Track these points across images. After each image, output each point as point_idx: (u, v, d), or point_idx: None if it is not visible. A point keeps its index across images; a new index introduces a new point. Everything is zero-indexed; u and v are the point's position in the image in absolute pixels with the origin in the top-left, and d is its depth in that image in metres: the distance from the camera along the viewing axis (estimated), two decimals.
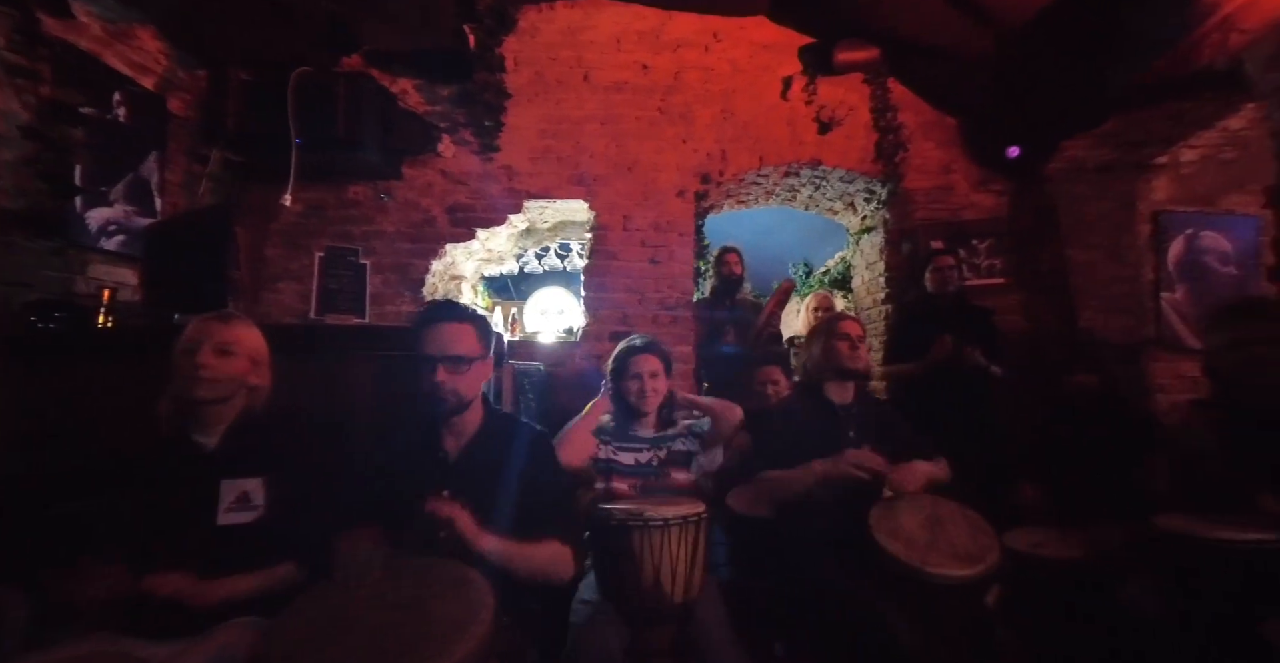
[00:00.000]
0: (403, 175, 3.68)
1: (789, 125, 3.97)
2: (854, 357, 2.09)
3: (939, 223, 3.91)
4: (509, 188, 3.77)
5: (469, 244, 3.78)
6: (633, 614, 1.60)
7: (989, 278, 3.81)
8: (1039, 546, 1.97)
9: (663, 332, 3.56)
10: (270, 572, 1.37)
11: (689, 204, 3.87)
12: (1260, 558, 1.42)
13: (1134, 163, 3.53)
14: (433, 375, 1.42)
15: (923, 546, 1.73)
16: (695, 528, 1.62)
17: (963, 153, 3.98)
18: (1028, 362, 3.36)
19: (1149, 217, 3.59)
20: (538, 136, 3.83)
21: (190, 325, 1.48)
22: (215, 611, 1.28)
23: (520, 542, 1.38)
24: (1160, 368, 3.47)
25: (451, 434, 1.52)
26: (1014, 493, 2.43)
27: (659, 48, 3.95)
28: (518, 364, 3.41)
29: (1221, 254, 3.58)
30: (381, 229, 3.66)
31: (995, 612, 1.90)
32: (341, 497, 1.47)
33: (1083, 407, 2.41)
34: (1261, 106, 2.42)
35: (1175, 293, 3.55)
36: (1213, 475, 1.67)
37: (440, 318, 1.49)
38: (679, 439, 2.02)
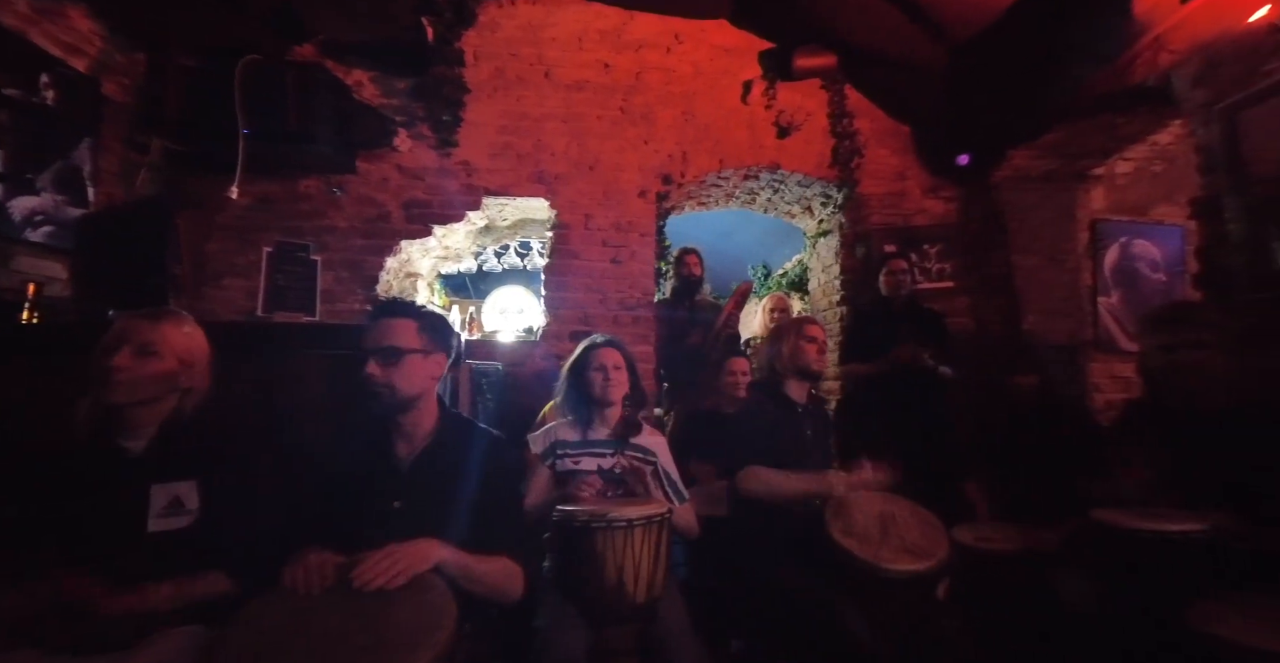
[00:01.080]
0: (357, 169, 3.57)
1: (749, 129, 4.02)
2: (820, 360, 2.20)
3: (892, 228, 4.02)
4: (467, 184, 3.70)
5: (425, 241, 3.70)
6: (596, 616, 1.59)
7: (939, 281, 3.93)
8: (985, 540, 2.05)
9: (624, 331, 3.55)
10: (193, 580, 1.29)
11: (650, 204, 3.87)
12: (1186, 547, 1.51)
13: (1074, 173, 3.70)
14: (364, 368, 1.38)
15: (876, 542, 1.78)
16: (659, 528, 1.62)
17: (915, 160, 4.10)
18: (974, 362, 3.49)
19: (1087, 224, 3.77)
20: (497, 133, 3.77)
21: (114, 324, 1.39)
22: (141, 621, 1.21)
23: (476, 555, 1.32)
24: (1097, 368, 3.65)
25: (403, 439, 1.45)
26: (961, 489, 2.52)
27: (621, 47, 3.95)
28: (475, 364, 3.35)
29: (1152, 261, 3.79)
30: (334, 224, 3.55)
31: (944, 604, 1.96)
32: (285, 503, 1.40)
33: (1023, 406, 2.51)
34: (1187, 123, 2.57)
35: (1111, 297, 3.74)
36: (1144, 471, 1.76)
37: (380, 315, 1.45)
38: (641, 452, 1.96)
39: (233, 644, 1.03)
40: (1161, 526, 1.54)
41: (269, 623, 1.07)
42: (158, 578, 1.26)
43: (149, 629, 1.21)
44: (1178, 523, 1.53)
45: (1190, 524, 1.52)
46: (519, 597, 1.42)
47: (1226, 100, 2.31)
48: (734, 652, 2.02)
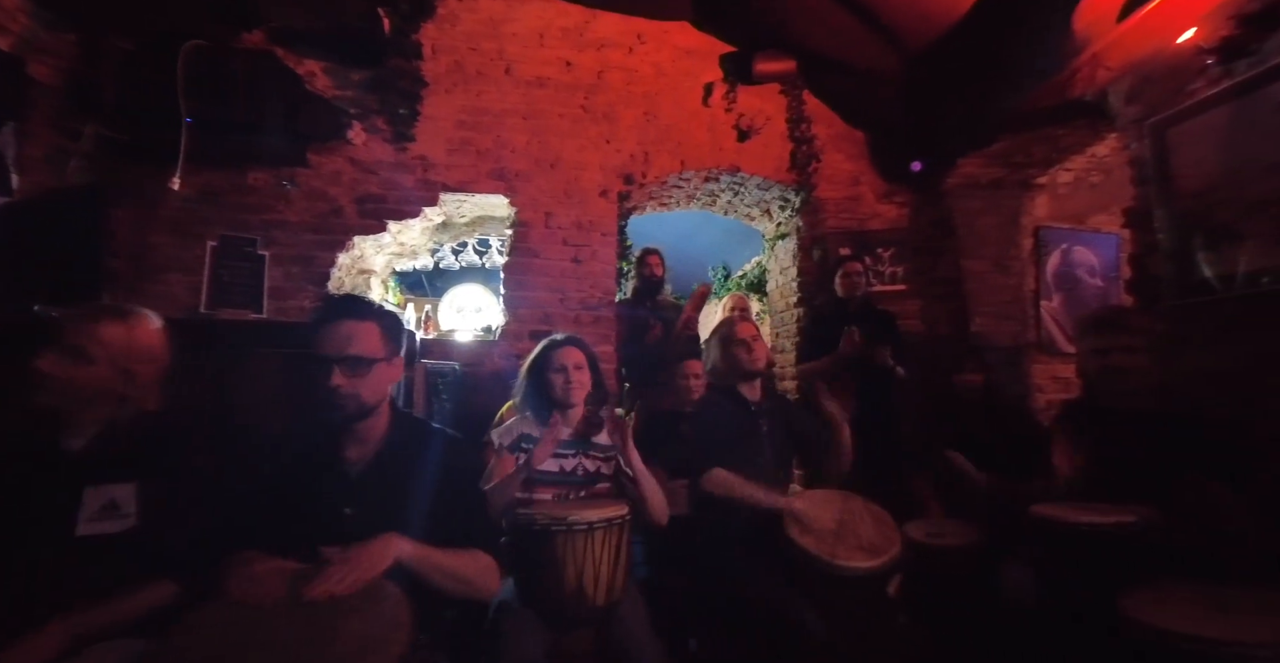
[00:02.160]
0: (308, 162, 3.45)
1: (710, 131, 4.05)
2: (753, 359, 2.18)
3: (848, 231, 4.11)
4: (424, 179, 3.62)
5: (379, 237, 3.60)
6: (555, 619, 1.58)
7: (891, 284, 4.05)
8: (934, 536, 2.11)
9: (585, 331, 3.54)
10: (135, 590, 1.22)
11: (612, 204, 3.86)
12: (1118, 539, 1.59)
13: (1019, 181, 3.85)
14: (328, 379, 1.27)
15: (831, 539, 1.82)
16: (619, 530, 1.61)
17: (870, 165, 4.21)
18: (924, 363, 3.60)
19: (1031, 231, 3.93)
20: (456, 128, 3.70)
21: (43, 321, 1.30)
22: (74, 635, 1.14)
23: (445, 550, 1.29)
24: (1039, 370, 3.81)
25: (355, 442, 1.38)
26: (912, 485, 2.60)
27: (583, 46, 3.93)
28: (431, 364, 3.28)
29: (1090, 267, 3.99)
30: (284, 218, 3.42)
31: (897, 599, 2.02)
32: (232, 507, 1.34)
33: (970, 404, 2.61)
34: (1122, 137, 2.70)
35: (1052, 301, 3.91)
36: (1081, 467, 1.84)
37: (339, 314, 1.34)
38: (604, 452, 1.94)
39: (171, 658, 0.98)
40: (1095, 519, 1.62)
41: (209, 636, 1.02)
42: (90, 585, 1.19)
43: (80, 645, 1.14)
44: (1110, 516, 1.61)
45: (1121, 517, 1.60)
46: (496, 590, 1.38)
47: (1157, 116, 2.44)
48: (692, 650, 2.03)
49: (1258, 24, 2.04)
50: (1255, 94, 2.09)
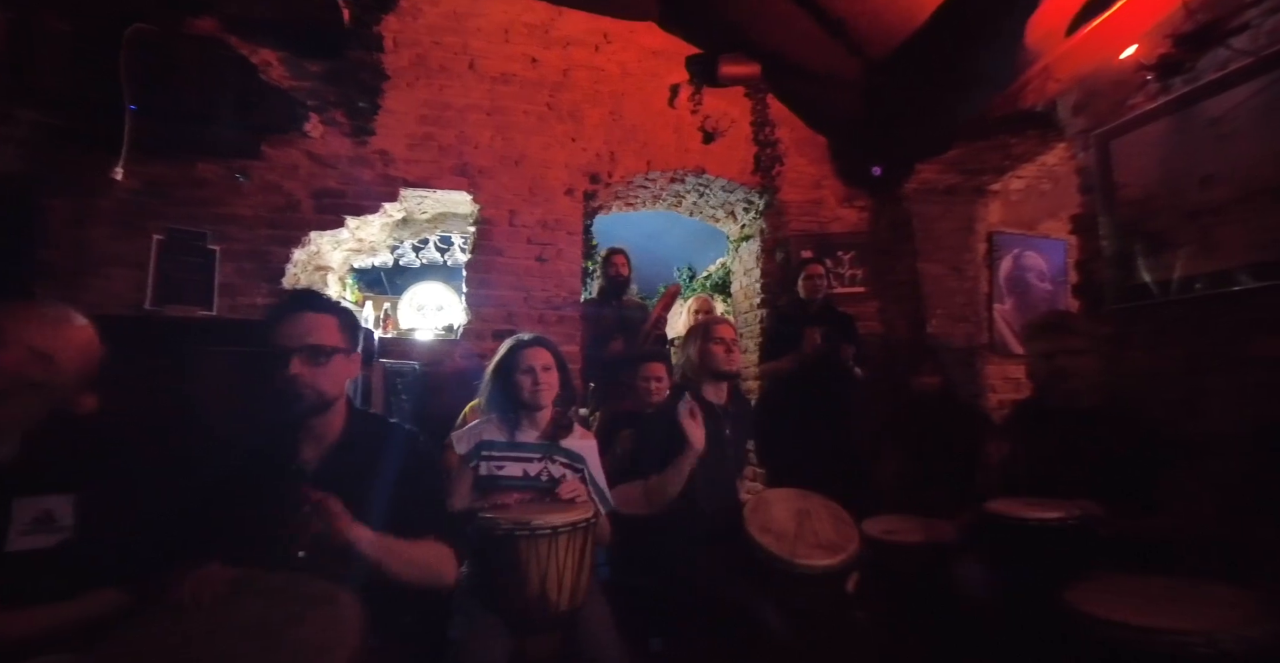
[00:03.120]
0: (263, 155, 3.34)
1: (676, 132, 4.07)
2: (729, 359, 2.20)
3: (810, 234, 4.18)
4: (384, 174, 3.54)
5: (337, 233, 3.50)
6: (517, 624, 1.55)
7: (851, 287, 4.13)
8: (891, 532, 2.16)
9: (550, 331, 3.51)
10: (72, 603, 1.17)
11: (578, 203, 3.84)
12: (1063, 533, 1.65)
13: (974, 188, 3.98)
14: (287, 368, 1.26)
15: (791, 538, 1.84)
16: (584, 534, 1.60)
17: (832, 169, 4.29)
18: (882, 363, 3.69)
19: (985, 236, 4.06)
20: (418, 122, 3.63)
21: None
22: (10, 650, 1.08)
23: (402, 540, 1.27)
24: (992, 370, 3.94)
25: (310, 440, 1.36)
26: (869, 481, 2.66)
27: (549, 43, 3.90)
28: (390, 363, 3.21)
29: (1040, 272, 4.14)
30: (236, 212, 3.30)
31: (854, 596, 2.05)
32: (179, 514, 1.29)
33: (926, 404, 2.67)
34: (1070, 146, 2.82)
35: (1005, 304, 4.05)
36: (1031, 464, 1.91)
37: (298, 307, 1.34)
38: (571, 459, 1.90)
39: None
40: (1042, 514, 1.68)
41: (150, 647, 0.98)
42: (25, 603, 1.12)
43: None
44: (1055, 511, 1.67)
45: (1066, 512, 1.66)
46: (452, 580, 1.38)
47: (1101, 128, 2.55)
48: (655, 651, 2.03)
49: (1192, 43, 2.15)
50: (1189, 109, 2.20)
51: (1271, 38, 1.96)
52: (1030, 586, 1.59)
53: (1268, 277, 1.97)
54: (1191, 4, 2.12)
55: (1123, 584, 1.39)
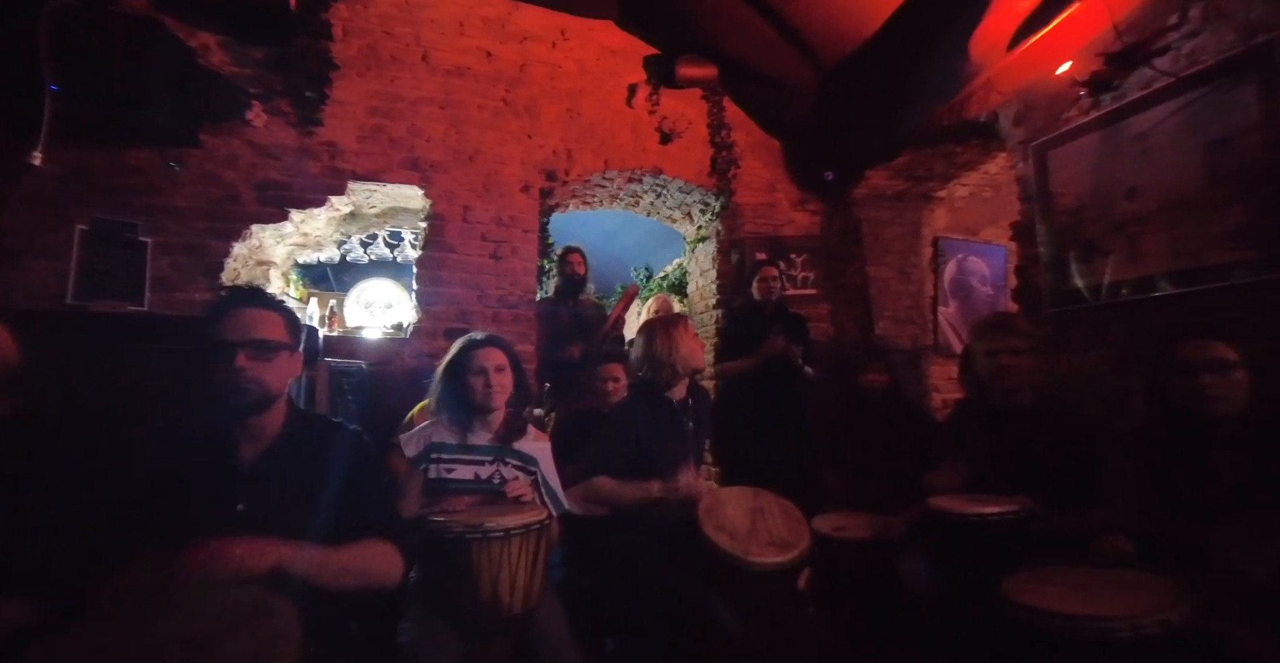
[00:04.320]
0: (200, 143, 3.18)
1: (633, 132, 4.07)
2: (699, 357, 2.22)
3: (764, 237, 4.25)
4: (332, 166, 3.42)
5: (280, 226, 3.37)
6: (469, 629, 1.52)
7: (804, 289, 4.22)
8: (841, 529, 2.20)
9: (504, 330, 3.46)
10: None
11: (534, 200, 3.80)
12: (1002, 528, 1.72)
13: (920, 194, 4.11)
14: (232, 362, 1.22)
15: (745, 536, 1.86)
16: (537, 536, 1.57)
17: (786, 174, 4.37)
18: (832, 363, 3.77)
19: (930, 241, 4.21)
20: (368, 114, 3.52)
21: None
22: None
23: (335, 547, 1.22)
24: (936, 371, 4.08)
25: (248, 439, 1.31)
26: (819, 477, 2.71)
27: (505, 37, 3.84)
28: (335, 362, 3.11)
29: (982, 276, 4.31)
30: (171, 203, 3.13)
31: (806, 592, 2.09)
32: (98, 518, 1.21)
33: (874, 403, 2.75)
34: (1010, 156, 2.94)
35: (949, 307, 4.20)
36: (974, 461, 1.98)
37: (243, 303, 1.31)
38: (524, 461, 1.87)
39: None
40: (982, 509, 1.74)
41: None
42: None
43: None
44: (995, 507, 1.74)
45: (1005, 507, 1.73)
46: (399, 579, 1.33)
47: (1039, 139, 2.67)
48: (609, 652, 2.02)
49: (1120, 63, 2.27)
50: (1118, 125, 2.33)
51: (1190, 60, 2.09)
52: (972, 578, 1.65)
53: (1184, 283, 2.10)
54: (1120, 25, 2.24)
55: (1056, 575, 1.46)
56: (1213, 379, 1.47)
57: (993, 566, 1.55)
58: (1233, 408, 1.46)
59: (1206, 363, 1.48)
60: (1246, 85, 1.93)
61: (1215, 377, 1.47)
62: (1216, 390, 1.47)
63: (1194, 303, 2.08)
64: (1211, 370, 1.47)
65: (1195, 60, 2.07)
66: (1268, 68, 1.87)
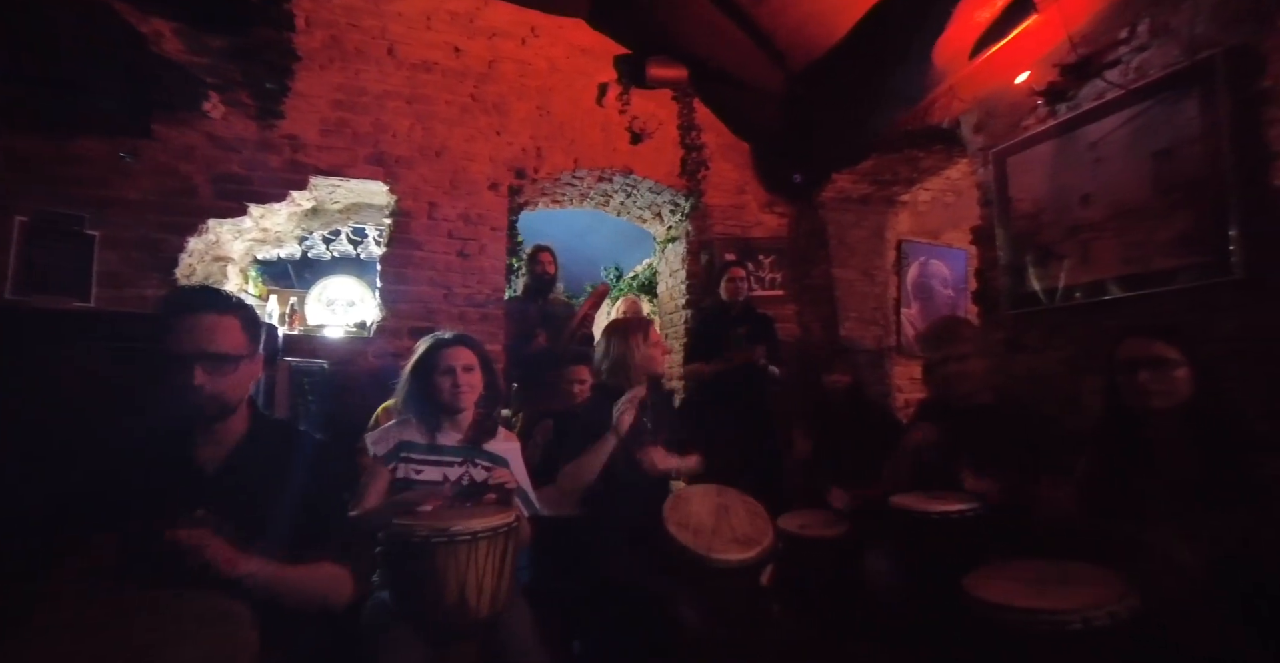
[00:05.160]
0: (154, 134, 3.06)
1: (604, 131, 4.06)
2: (664, 361, 2.24)
3: (733, 238, 4.28)
4: (293, 160, 3.33)
5: (239, 221, 3.27)
6: (435, 634, 1.49)
7: (771, 290, 4.26)
8: (805, 527, 2.24)
9: (471, 329, 3.40)
10: None
11: (502, 198, 3.76)
12: (961, 525, 1.77)
13: (885, 198, 4.20)
14: (189, 377, 1.17)
15: (708, 533, 1.88)
16: (505, 539, 1.55)
17: (754, 176, 4.41)
18: (800, 365, 3.83)
19: (894, 244, 4.30)
20: (331, 107, 3.44)
21: None
22: None
23: (292, 565, 1.20)
24: (899, 371, 4.16)
25: (210, 443, 1.27)
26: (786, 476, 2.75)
27: (474, 33, 3.80)
28: (296, 362, 3.03)
29: (943, 279, 4.42)
30: (122, 195, 3.00)
31: (769, 589, 2.11)
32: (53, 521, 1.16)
33: (838, 401, 2.79)
34: (971, 162, 3.02)
35: (911, 309, 4.30)
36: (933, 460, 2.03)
37: (197, 307, 1.24)
38: (494, 462, 1.83)
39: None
40: (942, 507, 1.79)
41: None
42: None
43: None
44: (954, 504, 1.79)
45: (964, 505, 1.78)
46: (347, 600, 1.31)
47: (998, 146, 2.75)
48: (576, 653, 2.01)
49: (1075, 74, 2.35)
50: (1072, 133, 2.41)
51: (1138, 73, 2.18)
52: (932, 574, 1.69)
53: (1133, 288, 2.19)
54: (1075, 38, 2.32)
55: (1012, 570, 1.50)
56: (1150, 375, 1.52)
57: (952, 561, 1.59)
58: (1170, 403, 1.51)
59: (1145, 360, 1.53)
60: (1189, 99, 2.02)
61: (1153, 373, 1.52)
62: (1154, 386, 1.51)
63: (1142, 306, 2.16)
64: (1150, 367, 1.52)
65: (1143, 74, 2.16)
66: (1209, 83, 1.96)
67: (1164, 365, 1.51)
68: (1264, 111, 1.85)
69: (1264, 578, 1.31)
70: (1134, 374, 1.54)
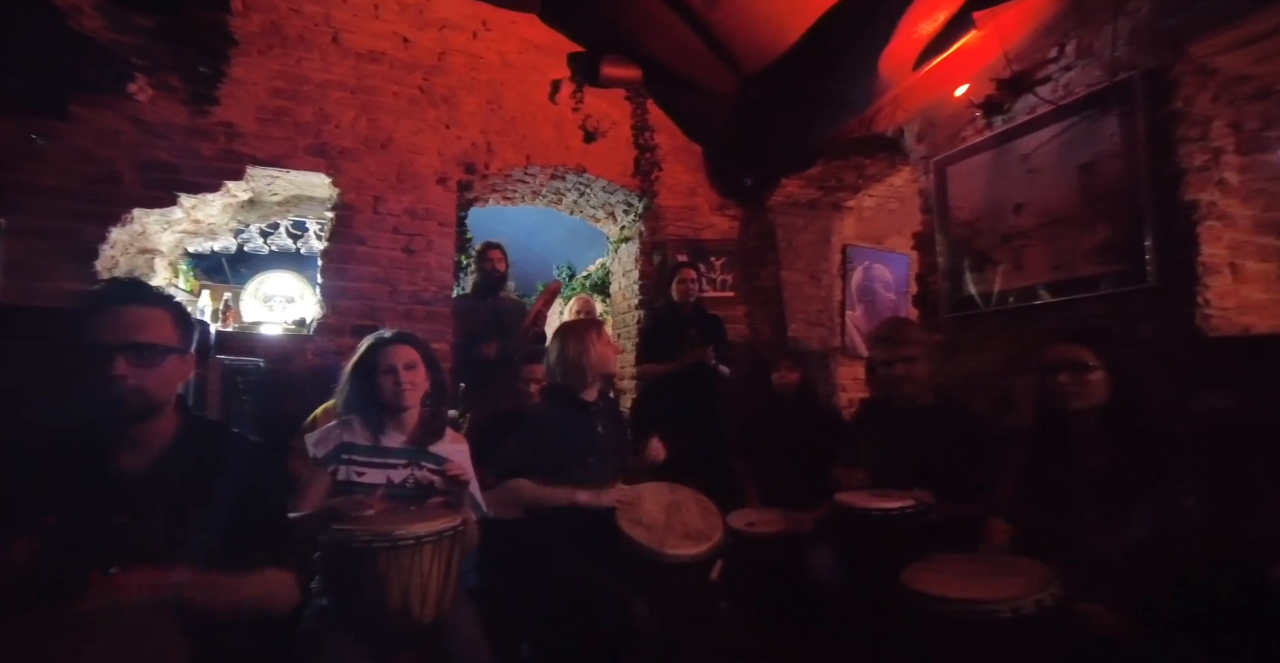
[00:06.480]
0: (70, 115, 2.86)
1: (556, 128, 4.03)
2: (616, 360, 2.24)
3: (685, 239, 4.32)
4: (228, 149, 3.17)
5: (168, 211, 3.09)
6: (377, 641, 1.44)
7: (722, 291, 4.32)
8: (753, 525, 2.28)
9: (417, 327, 3.32)
10: None
11: (451, 193, 3.68)
12: (902, 521, 1.83)
13: (831, 203, 4.31)
14: (109, 368, 1.09)
15: (661, 529, 1.89)
16: (450, 543, 1.51)
17: (706, 178, 4.46)
18: (749, 365, 3.89)
19: (840, 248, 4.42)
20: (270, 95, 3.29)
21: None
22: None
23: (227, 573, 1.14)
24: (843, 371, 4.28)
25: (134, 447, 1.19)
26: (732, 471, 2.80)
27: (423, 24, 3.70)
28: (230, 360, 2.89)
29: (886, 283, 4.58)
30: (33, 181, 2.79)
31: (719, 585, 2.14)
32: None
33: (786, 399, 2.85)
34: (914, 170, 3.14)
35: (855, 311, 4.43)
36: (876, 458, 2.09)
37: (124, 299, 1.17)
38: (439, 464, 1.77)
39: None
40: (884, 504, 1.85)
41: None
42: None
43: None
44: (896, 501, 1.85)
45: (904, 501, 1.85)
46: (293, 606, 1.27)
47: (939, 156, 2.86)
48: (525, 656, 1.99)
49: (1010, 88, 2.47)
50: (1007, 145, 2.53)
51: (1066, 91, 2.31)
52: (874, 568, 1.74)
53: (1061, 293, 2.31)
54: (1010, 54, 2.44)
55: (948, 563, 1.57)
56: (1069, 378, 1.62)
57: (893, 556, 1.64)
58: (1086, 404, 1.61)
59: (1065, 363, 1.63)
60: (1111, 116, 2.15)
61: (1071, 375, 1.61)
62: (1072, 388, 1.61)
63: (1069, 311, 2.29)
64: (1069, 370, 1.62)
65: (1071, 91, 2.29)
66: (1128, 103, 2.09)
67: (1082, 369, 1.61)
68: (1175, 131, 1.99)
69: (1173, 563, 1.41)
70: (1055, 376, 1.63)
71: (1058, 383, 1.63)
